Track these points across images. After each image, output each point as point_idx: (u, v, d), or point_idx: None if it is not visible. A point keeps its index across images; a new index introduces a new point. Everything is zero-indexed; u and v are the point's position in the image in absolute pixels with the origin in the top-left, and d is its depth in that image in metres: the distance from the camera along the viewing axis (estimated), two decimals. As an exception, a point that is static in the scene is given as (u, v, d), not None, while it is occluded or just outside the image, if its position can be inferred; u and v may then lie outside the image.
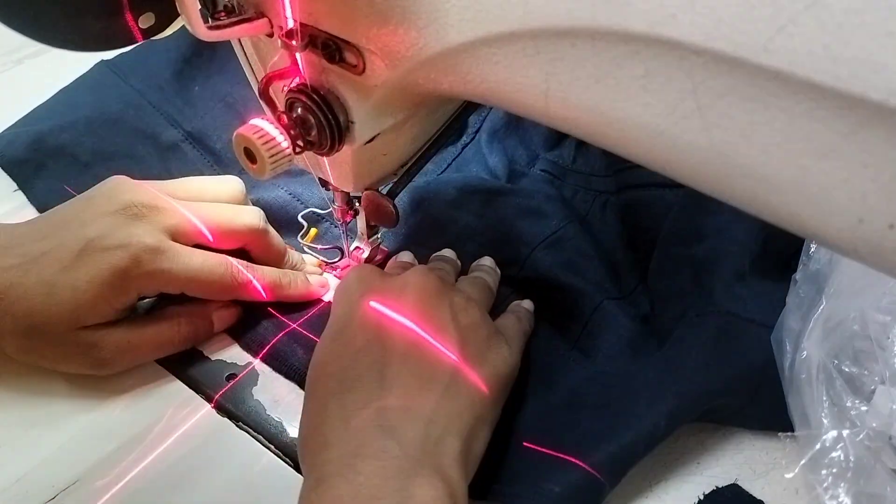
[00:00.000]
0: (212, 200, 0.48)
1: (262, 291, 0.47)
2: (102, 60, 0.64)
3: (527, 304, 0.48)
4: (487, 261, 0.50)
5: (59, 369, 0.44)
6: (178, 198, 0.46)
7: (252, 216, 0.48)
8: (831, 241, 0.22)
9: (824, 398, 0.38)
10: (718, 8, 0.20)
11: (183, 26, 0.33)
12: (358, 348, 0.38)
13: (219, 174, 0.57)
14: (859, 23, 0.18)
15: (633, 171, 0.54)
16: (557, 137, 0.60)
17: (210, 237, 0.46)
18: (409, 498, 0.32)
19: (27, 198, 0.57)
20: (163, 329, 0.45)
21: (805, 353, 0.39)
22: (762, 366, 0.40)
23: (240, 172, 0.56)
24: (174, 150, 0.59)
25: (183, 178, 0.49)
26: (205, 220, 0.46)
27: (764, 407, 0.40)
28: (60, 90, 0.64)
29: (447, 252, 0.50)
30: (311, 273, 0.52)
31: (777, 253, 0.45)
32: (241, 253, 0.48)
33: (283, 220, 0.54)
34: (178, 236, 0.44)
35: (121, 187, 0.45)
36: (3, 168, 0.58)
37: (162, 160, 0.59)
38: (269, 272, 0.48)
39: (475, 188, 0.55)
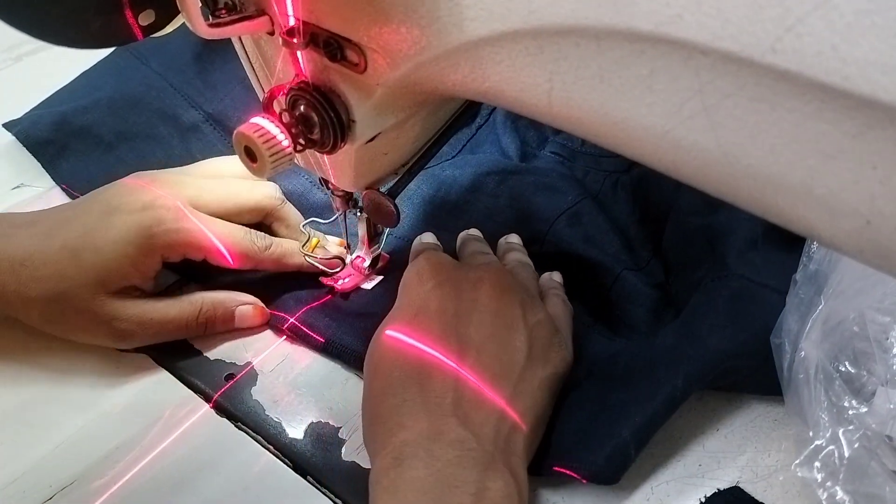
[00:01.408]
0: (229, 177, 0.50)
1: (280, 260, 0.48)
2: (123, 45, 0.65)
3: (557, 276, 0.48)
4: (515, 238, 0.50)
5: (80, 340, 0.45)
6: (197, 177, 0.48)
7: (268, 188, 0.49)
8: (838, 243, 0.21)
9: (823, 399, 0.38)
10: (725, 8, 0.20)
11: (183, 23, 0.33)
12: (436, 336, 0.39)
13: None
14: (869, 23, 0.18)
15: None
16: None
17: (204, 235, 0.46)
18: (484, 490, 0.33)
19: (52, 178, 0.58)
20: (185, 309, 0.46)
21: (803, 353, 0.38)
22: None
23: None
24: (195, 131, 0.60)
25: (198, 162, 0.51)
26: (223, 194, 0.47)
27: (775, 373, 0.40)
28: (82, 73, 0.64)
29: (474, 231, 0.50)
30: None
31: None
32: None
33: (302, 208, 0.54)
34: (199, 207, 0.46)
35: (140, 175, 0.47)
36: (27, 148, 0.59)
37: (183, 141, 0.60)
38: (287, 243, 0.49)
39: (490, 170, 0.56)
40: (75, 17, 0.32)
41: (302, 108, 0.36)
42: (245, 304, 0.47)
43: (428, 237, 0.50)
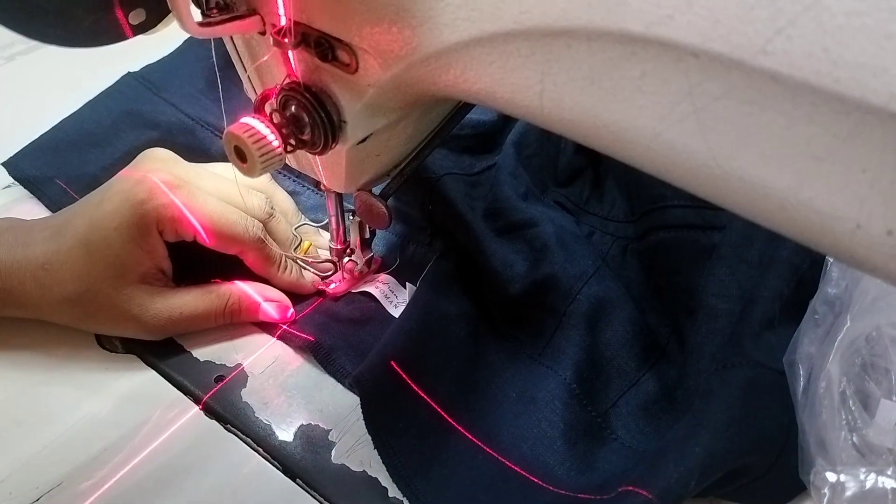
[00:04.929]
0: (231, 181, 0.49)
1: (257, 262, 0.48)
2: (130, 73, 0.62)
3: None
4: None
5: (112, 334, 0.46)
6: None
7: (257, 200, 0.49)
8: (829, 248, 0.21)
9: (843, 422, 0.37)
10: (716, 9, 0.20)
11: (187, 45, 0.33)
12: None
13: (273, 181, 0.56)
14: (859, 25, 0.18)
15: (665, 212, 0.49)
16: (569, 176, 0.58)
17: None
18: None
19: None
20: (213, 303, 0.46)
21: (822, 376, 0.37)
22: (789, 423, 0.38)
23: (298, 176, 0.56)
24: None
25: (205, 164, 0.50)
26: (214, 187, 0.47)
27: (787, 471, 0.38)
28: (86, 105, 0.60)
29: None
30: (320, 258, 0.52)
31: (808, 297, 0.42)
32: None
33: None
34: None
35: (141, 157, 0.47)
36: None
37: None
38: (274, 247, 0.49)
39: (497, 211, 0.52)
40: (64, 15, 0.32)
41: (293, 108, 0.35)
42: (270, 301, 0.47)
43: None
